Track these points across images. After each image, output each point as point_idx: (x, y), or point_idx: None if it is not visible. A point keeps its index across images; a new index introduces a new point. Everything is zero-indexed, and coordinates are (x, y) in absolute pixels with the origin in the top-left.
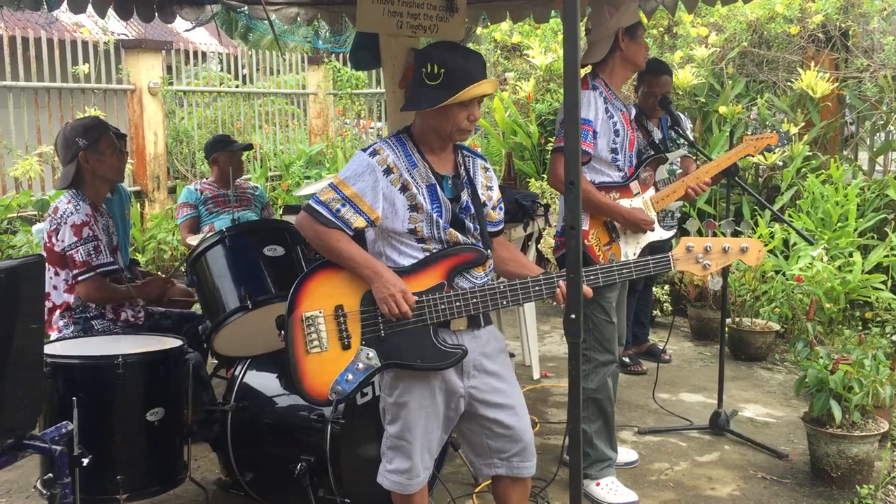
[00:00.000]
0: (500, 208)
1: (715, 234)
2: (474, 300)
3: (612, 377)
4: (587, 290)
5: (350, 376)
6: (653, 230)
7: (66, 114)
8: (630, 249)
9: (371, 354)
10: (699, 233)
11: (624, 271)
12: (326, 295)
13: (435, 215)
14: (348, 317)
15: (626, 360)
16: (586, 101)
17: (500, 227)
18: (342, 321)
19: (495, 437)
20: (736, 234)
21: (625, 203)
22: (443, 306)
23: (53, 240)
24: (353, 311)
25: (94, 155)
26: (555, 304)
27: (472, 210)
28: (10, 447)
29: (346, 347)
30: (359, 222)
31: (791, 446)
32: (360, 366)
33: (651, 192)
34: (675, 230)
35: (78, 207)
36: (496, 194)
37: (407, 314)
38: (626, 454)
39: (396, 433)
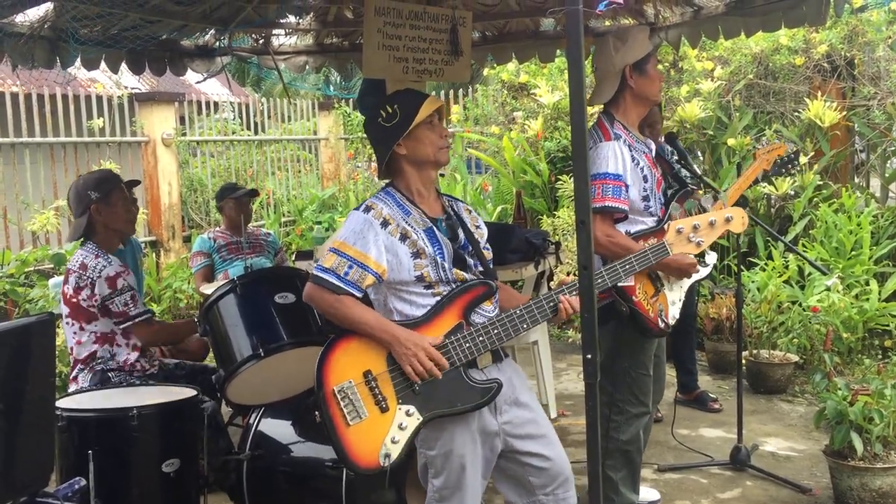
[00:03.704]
0: (487, 248)
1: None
2: (496, 331)
3: (645, 429)
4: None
5: (396, 437)
6: (697, 272)
7: (81, 167)
8: (676, 295)
9: (411, 410)
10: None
11: (627, 267)
12: (351, 363)
13: (438, 258)
14: (379, 379)
15: None
16: (612, 155)
17: (490, 265)
18: (374, 385)
19: (537, 471)
20: None
21: None
22: (468, 345)
23: (82, 295)
24: (381, 373)
25: (105, 207)
26: (557, 323)
27: (470, 248)
28: None
29: (385, 410)
30: (368, 280)
31: (814, 480)
32: (404, 424)
33: None
34: (710, 266)
35: (109, 261)
36: (485, 234)
37: (434, 372)
38: (647, 493)
39: (445, 484)
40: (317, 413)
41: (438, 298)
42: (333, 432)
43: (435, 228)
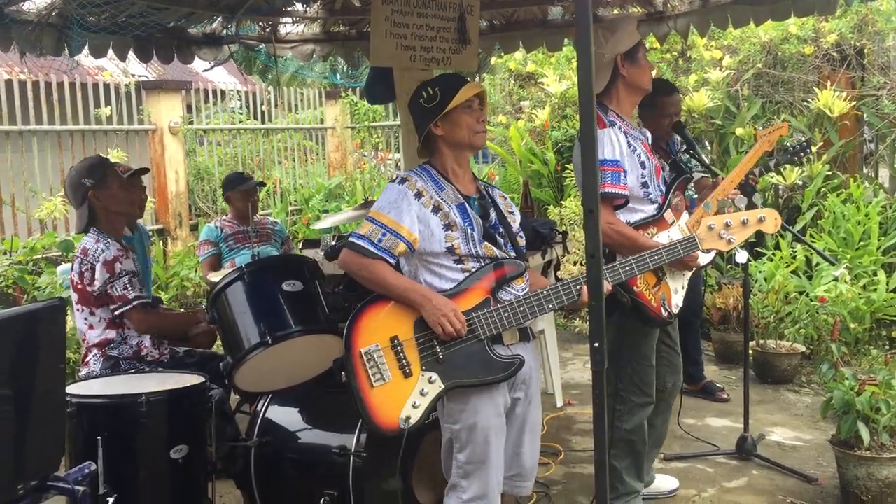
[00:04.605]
0: (521, 236)
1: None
2: (521, 309)
3: (662, 419)
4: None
5: (417, 402)
6: (698, 265)
7: (89, 155)
8: (678, 284)
9: (433, 378)
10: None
11: (656, 258)
12: (379, 328)
13: (469, 229)
14: (405, 345)
15: None
16: (608, 141)
17: (523, 252)
18: (400, 350)
19: (510, 455)
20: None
21: (663, 237)
22: (493, 319)
23: (86, 280)
24: (408, 339)
25: (102, 192)
26: (581, 308)
27: (501, 229)
28: (33, 489)
29: (408, 375)
30: (400, 248)
31: (820, 470)
32: (425, 390)
33: (685, 216)
34: (713, 253)
35: (108, 245)
36: (517, 220)
37: (460, 332)
38: (666, 482)
39: (469, 458)
40: (342, 373)
41: (467, 274)
42: (357, 392)
43: (467, 205)
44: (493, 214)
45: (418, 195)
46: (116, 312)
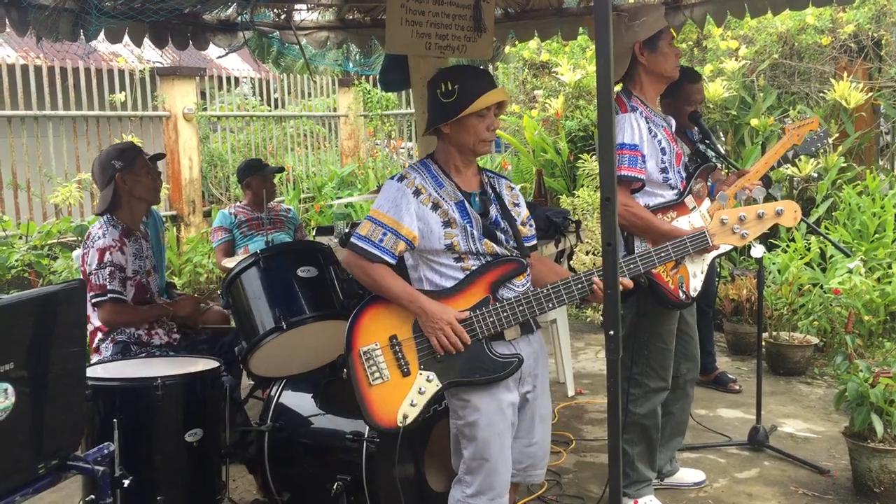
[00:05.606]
0: (531, 225)
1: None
2: (521, 307)
3: (680, 409)
4: (626, 282)
5: (415, 400)
6: (717, 248)
7: (104, 141)
8: (697, 267)
9: (431, 377)
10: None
11: (663, 255)
12: (379, 328)
13: (468, 227)
14: (403, 344)
15: None
16: (629, 126)
17: (533, 242)
18: (398, 350)
19: (522, 447)
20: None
21: (683, 221)
22: (492, 319)
23: (85, 264)
24: (406, 339)
25: (130, 175)
26: (594, 302)
27: (503, 224)
28: (54, 468)
29: (406, 374)
30: (400, 247)
31: (833, 462)
32: (423, 389)
33: (707, 203)
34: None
35: (106, 233)
36: (524, 211)
37: (457, 346)
38: (692, 475)
39: (472, 454)
40: (344, 371)
41: (467, 272)
42: (357, 390)
43: (466, 202)
44: (493, 211)
45: (417, 193)
46: (92, 301)
